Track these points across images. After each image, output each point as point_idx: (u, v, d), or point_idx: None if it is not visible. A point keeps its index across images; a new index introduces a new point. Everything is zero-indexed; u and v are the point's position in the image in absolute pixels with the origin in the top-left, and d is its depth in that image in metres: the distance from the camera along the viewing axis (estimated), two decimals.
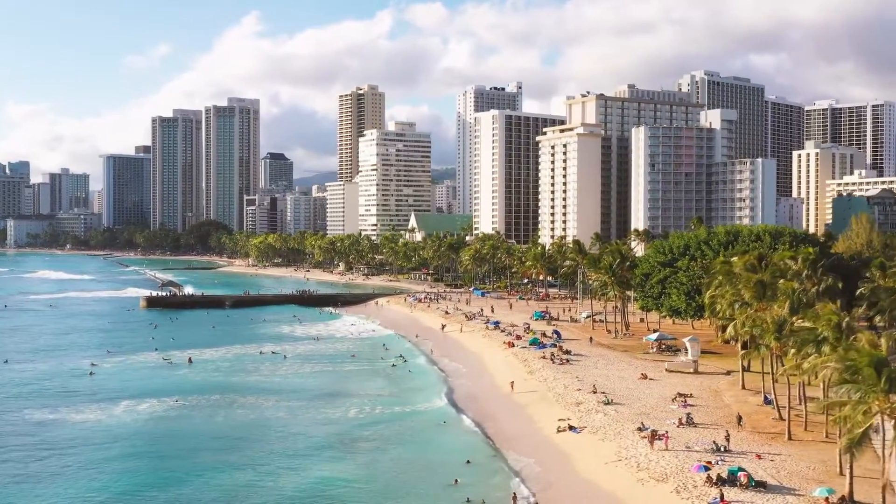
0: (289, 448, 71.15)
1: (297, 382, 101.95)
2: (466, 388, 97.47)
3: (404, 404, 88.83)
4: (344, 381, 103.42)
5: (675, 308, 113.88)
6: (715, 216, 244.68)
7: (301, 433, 76.02)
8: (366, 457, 68.80)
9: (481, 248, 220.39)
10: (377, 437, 74.61)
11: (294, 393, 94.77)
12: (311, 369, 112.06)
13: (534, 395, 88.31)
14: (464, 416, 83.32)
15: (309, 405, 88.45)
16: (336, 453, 69.75)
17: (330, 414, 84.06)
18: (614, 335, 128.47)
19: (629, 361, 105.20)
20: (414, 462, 67.01)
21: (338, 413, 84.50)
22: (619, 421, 73.48)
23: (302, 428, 77.93)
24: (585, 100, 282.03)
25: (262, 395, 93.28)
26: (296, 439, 73.91)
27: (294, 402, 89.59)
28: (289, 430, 77.35)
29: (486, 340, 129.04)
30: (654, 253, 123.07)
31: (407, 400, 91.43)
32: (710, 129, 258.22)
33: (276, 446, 71.62)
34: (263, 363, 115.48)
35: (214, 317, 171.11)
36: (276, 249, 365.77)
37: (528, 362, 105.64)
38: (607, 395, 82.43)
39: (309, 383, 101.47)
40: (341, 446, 71.94)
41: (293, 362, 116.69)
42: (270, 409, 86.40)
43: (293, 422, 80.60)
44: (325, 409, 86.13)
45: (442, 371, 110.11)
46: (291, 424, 79.44)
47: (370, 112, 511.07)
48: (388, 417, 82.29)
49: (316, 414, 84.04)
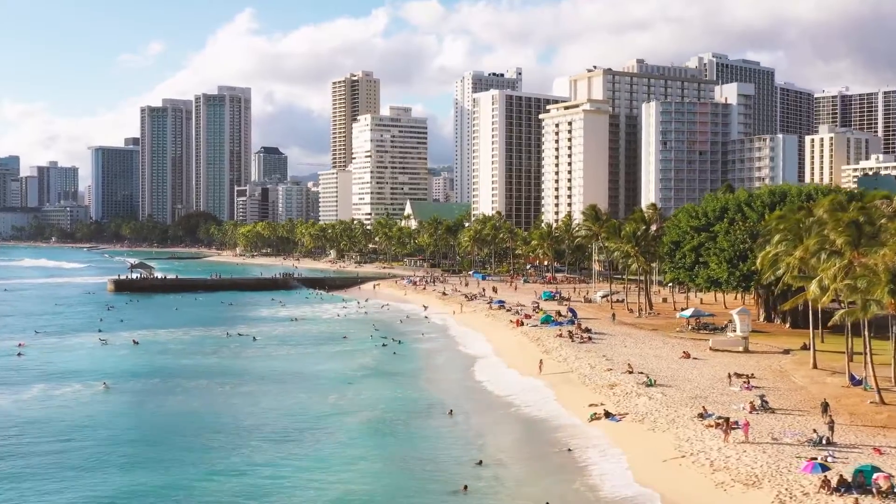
0: (232, 442, 53.72)
1: (265, 365, 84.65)
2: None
3: (394, 389, 71.57)
4: (325, 363, 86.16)
5: (713, 279, 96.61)
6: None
7: (256, 424, 58.70)
8: (340, 454, 51.42)
9: (482, 229, 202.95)
10: (358, 430, 57.42)
11: (258, 377, 77.47)
12: (287, 352, 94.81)
13: (553, 377, 71.14)
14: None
15: (276, 390, 71.21)
16: (297, 448, 52.34)
17: (301, 400, 66.78)
18: (638, 314, 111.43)
19: (662, 340, 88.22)
20: (408, 462, 49.77)
21: (312, 399, 67.20)
22: (669, 406, 56.40)
23: (258, 418, 60.64)
24: (592, 75, 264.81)
25: (217, 378, 76.01)
26: (247, 432, 56.54)
27: (256, 387, 72.33)
28: (239, 420, 60.01)
29: (491, 320, 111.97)
30: (685, 218, 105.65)
31: (397, 384, 74.18)
32: (725, 104, 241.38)
33: (216, 440, 54.22)
34: (228, 346, 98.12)
35: (183, 300, 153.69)
36: (264, 238, 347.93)
37: (541, 341, 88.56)
38: (649, 376, 65.20)
39: (280, 366, 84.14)
40: (307, 439, 54.59)
41: (264, 344, 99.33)
42: (222, 395, 69.11)
43: (249, 410, 63.34)
44: (295, 395, 68.89)
45: (438, 352, 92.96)
46: (245, 413, 62.16)
47: (365, 100, 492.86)
48: (375, 405, 65.00)
49: (282, 400, 66.79)
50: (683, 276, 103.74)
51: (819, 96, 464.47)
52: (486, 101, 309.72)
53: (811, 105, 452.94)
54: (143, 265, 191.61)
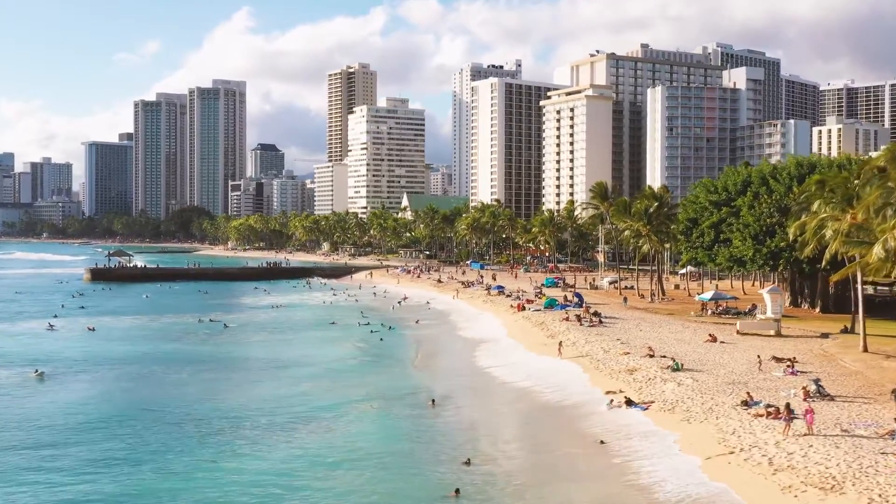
0: (174, 437, 44.01)
1: (233, 352, 75.09)
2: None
3: (376, 378, 61.93)
4: (301, 350, 76.45)
5: (737, 257, 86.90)
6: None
7: (204, 417, 48.82)
8: (296, 454, 41.66)
9: (480, 217, 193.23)
10: (336, 424, 47.59)
11: (222, 364, 67.84)
12: (262, 338, 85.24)
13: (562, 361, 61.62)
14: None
15: (237, 379, 61.68)
16: (242, 447, 42.42)
17: (262, 391, 57.05)
18: (650, 299, 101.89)
19: (682, 324, 78.67)
20: (393, 462, 39.95)
21: (275, 390, 57.43)
22: (703, 393, 46.79)
23: (208, 410, 50.69)
24: (594, 59, 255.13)
25: (174, 366, 66.26)
26: (193, 426, 46.67)
27: (215, 375, 62.75)
28: (189, 411, 50.10)
29: (490, 305, 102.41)
30: (703, 192, 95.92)
31: (380, 373, 64.56)
32: (733, 89, 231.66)
33: (158, 433, 44.53)
34: (196, 332, 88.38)
35: (159, 288, 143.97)
36: (257, 232, 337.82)
37: (545, 325, 78.99)
38: (675, 360, 55.56)
39: (250, 353, 74.51)
40: (271, 435, 44.71)
41: (238, 331, 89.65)
42: (175, 384, 59.42)
43: (201, 400, 53.54)
44: (257, 385, 59.25)
45: (432, 338, 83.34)
46: (196, 404, 52.33)
47: (361, 93, 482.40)
48: (348, 395, 55.24)
49: (240, 390, 57.09)
50: (702, 255, 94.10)
51: (825, 89, 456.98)
52: (485, 90, 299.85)
53: (817, 97, 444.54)
54: (120, 252, 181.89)
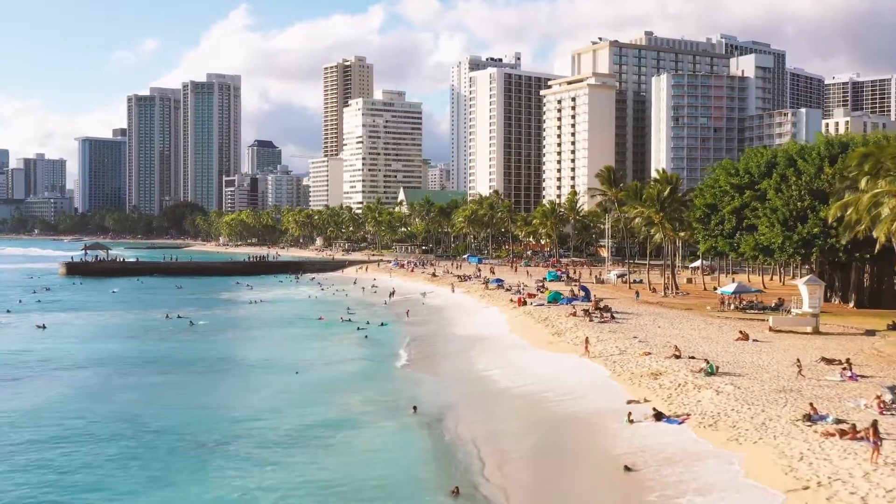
0: (95, 449, 35.10)
1: (195, 350, 66.09)
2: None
3: (356, 383, 52.98)
4: (271, 349, 67.49)
5: (763, 246, 77.86)
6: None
7: (137, 428, 39.87)
8: (244, 480, 32.65)
9: (477, 209, 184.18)
10: (292, 444, 38.56)
11: (178, 364, 59.01)
12: (231, 336, 76.31)
13: (571, 363, 52.62)
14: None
15: (189, 382, 52.82)
16: (176, 473, 33.55)
17: (215, 398, 48.12)
18: (663, 293, 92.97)
19: (703, 320, 69.68)
20: (362, 491, 30.94)
21: (231, 397, 48.47)
22: (750, 403, 37.80)
23: (147, 419, 41.84)
24: (597, 47, 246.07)
25: (124, 368, 57.39)
26: (123, 437, 37.75)
27: (167, 378, 53.93)
28: (120, 419, 41.14)
29: (488, 300, 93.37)
30: (723, 175, 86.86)
31: (362, 377, 55.61)
32: (741, 77, 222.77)
33: (77, 444, 35.63)
34: (159, 329, 79.46)
35: (132, 283, 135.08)
36: (249, 227, 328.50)
37: (550, 321, 69.96)
38: (709, 362, 46.50)
39: (213, 352, 65.46)
40: (207, 461, 35.74)
41: (208, 328, 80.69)
42: (118, 389, 50.48)
43: (140, 406, 44.63)
44: (212, 390, 50.46)
45: (423, 336, 74.29)
46: (133, 410, 43.39)
47: (357, 86, 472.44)
48: (320, 406, 46.21)
49: (190, 396, 48.18)
50: (722, 244, 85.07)
51: (830, 82, 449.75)
52: (484, 81, 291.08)
53: (822, 90, 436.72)
54: (98, 245, 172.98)
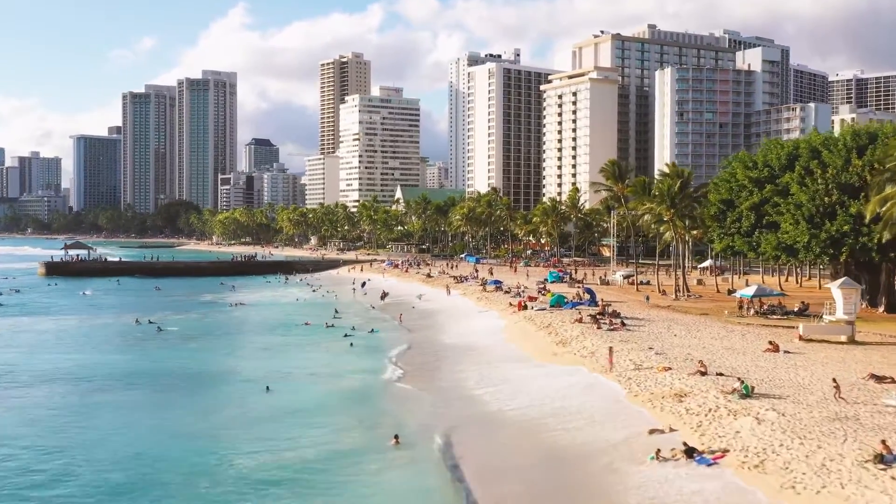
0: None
1: (154, 361, 59.34)
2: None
3: (332, 404, 46.31)
4: (243, 360, 60.84)
5: (787, 245, 71.12)
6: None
7: (81, 465, 33.25)
8: None
9: (475, 207, 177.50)
10: (265, 483, 31.88)
11: (125, 379, 52.22)
12: (200, 345, 69.38)
13: (578, 380, 45.90)
14: (436, 435, 40.85)
15: (133, 402, 45.98)
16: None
17: (165, 422, 41.40)
18: (674, 296, 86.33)
19: (723, 327, 63.03)
20: None
21: (184, 423, 41.72)
22: (801, 435, 31.11)
23: (88, 448, 35.23)
24: (598, 40, 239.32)
25: (61, 384, 50.67)
26: (35, 469, 31.11)
27: (108, 397, 47.11)
28: (60, 452, 34.47)
29: (485, 303, 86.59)
30: (740, 169, 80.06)
31: (340, 396, 48.96)
32: (748, 71, 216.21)
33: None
34: (123, 337, 72.74)
35: (108, 285, 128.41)
36: (243, 225, 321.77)
37: (553, 328, 63.26)
38: (743, 381, 39.76)
39: (173, 365, 58.37)
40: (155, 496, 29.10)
41: (171, 336, 73.41)
42: (59, 409, 43.75)
43: (85, 433, 37.99)
44: (162, 412, 43.62)
45: (412, 345, 67.60)
46: (76, 441, 36.68)
47: (355, 83, 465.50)
48: (297, 432, 39.54)
49: (135, 421, 41.44)
50: (739, 243, 78.27)
51: (833, 79, 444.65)
52: (483, 76, 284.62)
53: (826, 87, 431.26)
54: (79, 244, 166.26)
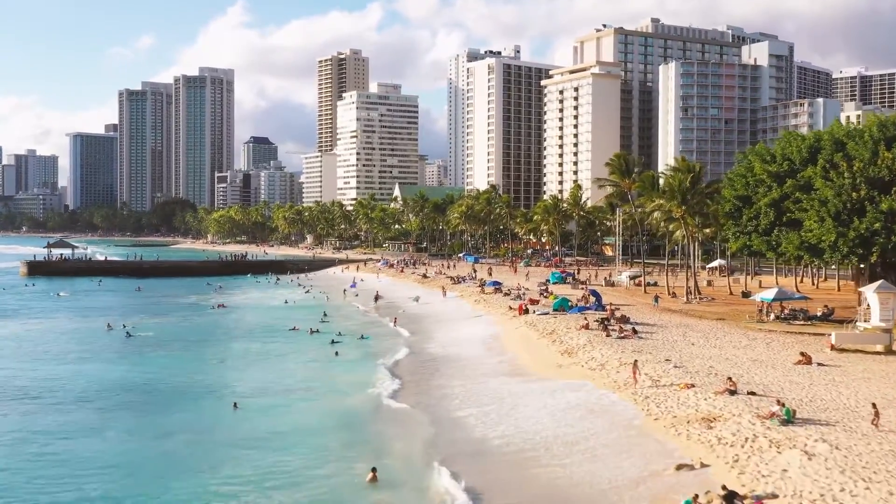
0: None
1: (128, 371, 53.91)
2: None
3: (308, 423, 40.80)
4: (222, 370, 55.42)
5: (810, 244, 65.53)
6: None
7: None
8: None
9: (474, 205, 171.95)
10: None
11: (97, 394, 46.81)
12: (173, 351, 63.94)
13: (586, 398, 40.29)
14: (434, 462, 35.33)
15: (95, 421, 40.56)
16: None
17: (127, 450, 35.91)
18: (686, 299, 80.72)
19: (743, 334, 57.49)
20: None
21: (155, 446, 36.33)
22: (867, 478, 25.57)
23: (8, 479, 29.78)
24: (601, 34, 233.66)
25: (18, 398, 45.25)
26: None
27: (76, 415, 41.71)
28: None
29: (483, 306, 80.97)
30: (757, 162, 74.40)
31: (318, 413, 43.42)
32: (755, 66, 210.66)
33: None
34: (90, 343, 67.18)
35: (87, 286, 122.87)
36: (238, 224, 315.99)
37: (557, 335, 57.68)
38: (783, 403, 34.10)
39: (134, 378, 53.00)
40: None
41: (140, 342, 67.80)
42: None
43: (9, 462, 32.48)
44: (101, 440, 38.13)
45: (404, 355, 62.03)
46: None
47: (353, 80, 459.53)
48: (259, 463, 34.00)
49: (83, 444, 35.99)
50: (757, 243, 72.68)
51: (837, 76, 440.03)
52: (482, 72, 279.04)
53: (829, 84, 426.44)
54: (63, 243, 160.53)
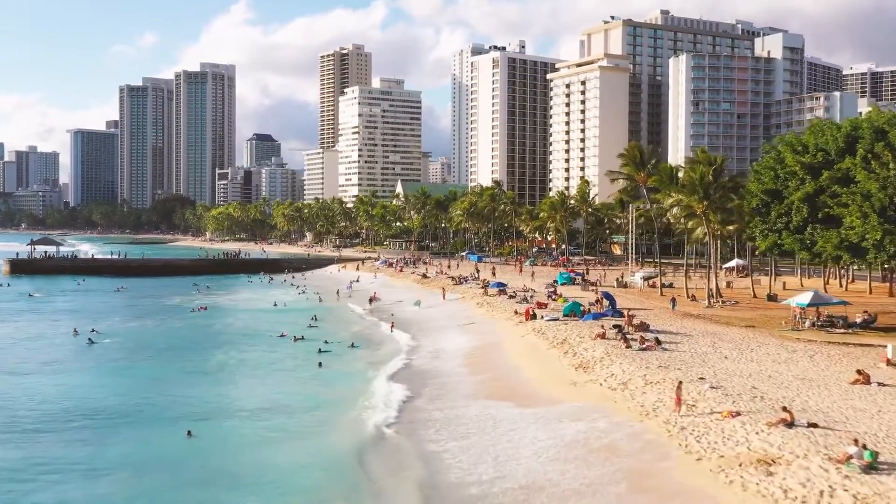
0: None
1: (78, 386, 47.42)
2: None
3: (267, 460, 34.26)
4: (184, 385, 48.79)
5: (851, 243, 58.76)
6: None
7: None
8: None
9: (477, 201, 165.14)
10: None
11: (29, 415, 40.30)
12: (136, 360, 57.54)
13: (608, 428, 33.58)
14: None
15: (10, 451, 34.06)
16: None
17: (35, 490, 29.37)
18: (707, 303, 73.91)
19: (781, 344, 50.71)
20: None
21: (70, 492, 29.77)
22: None
23: None
24: (609, 27, 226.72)
25: None
26: None
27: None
28: None
29: (486, 310, 74.17)
30: (788, 153, 67.53)
31: (284, 445, 36.88)
32: (768, 59, 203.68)
33: None
34: (45, 352, 60.70)
35: (65, 285, 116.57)
36: (236, 221, 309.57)
37: (570, 345, 50.93)
38: (863, 444, 27.32)
39: (99, 388, 46.71)
40: None
41: (101, 350, 61.44)
42: None
43: None
44: (43, 461, 31.73)
45: (398, 367, 55.37)
46: None
47: (355, 75, 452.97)
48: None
49: None
50: (789, 242, 65.83)
51: (847, 73, 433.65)
52: (487, 66, 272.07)
53: (840, 80, 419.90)
54: (47, 240, 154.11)
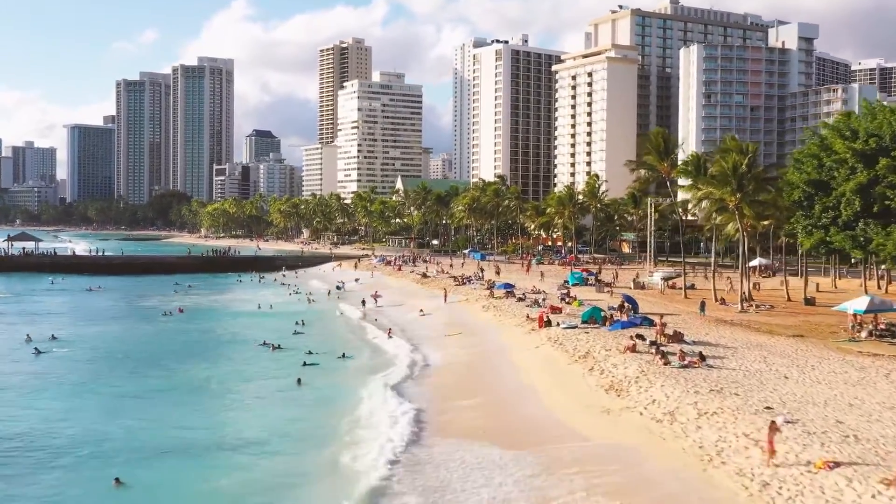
0: None
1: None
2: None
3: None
4: (134, 409, 41.14)
5: None
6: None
7: None
8: None
9: (480, 196, 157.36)
10: None
11: None
12: (86, 373, 49.92)
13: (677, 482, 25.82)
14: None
15: None
16: None
17: None
18: (740, 307, 66.13)
19: (842, 359, 42.94)
20: None
21: None
22: None
23: None
24: (617, 16, 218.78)
25: None
26: None
27: None
28: None
29: (493, 315, 66.29)
30: (836, 140, 59.68)
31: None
32: (783, 49, 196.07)
33: None
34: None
35: (35, 284, 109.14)
36: (233, 217, 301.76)
37: (595, 361, 43.05)
38: None
39: (22, 415, 39.13)
40: None
41: (46, 364, 53.70)
42: None
43: None
44: None
45: (390, 382, 47.57)
46: None
47: (355, 69, 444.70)
48: None
49: None
50: (838, 239, 58.02)
51: (856, 68, 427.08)
52: (489, 58, 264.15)
53: (849, 75, 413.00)
54: (25, 236, 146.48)
